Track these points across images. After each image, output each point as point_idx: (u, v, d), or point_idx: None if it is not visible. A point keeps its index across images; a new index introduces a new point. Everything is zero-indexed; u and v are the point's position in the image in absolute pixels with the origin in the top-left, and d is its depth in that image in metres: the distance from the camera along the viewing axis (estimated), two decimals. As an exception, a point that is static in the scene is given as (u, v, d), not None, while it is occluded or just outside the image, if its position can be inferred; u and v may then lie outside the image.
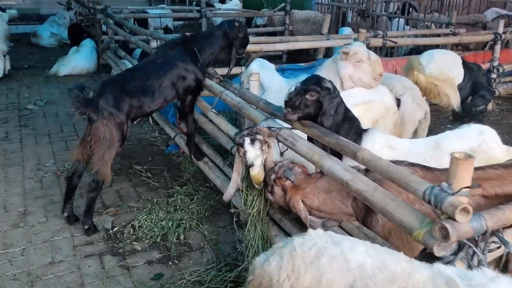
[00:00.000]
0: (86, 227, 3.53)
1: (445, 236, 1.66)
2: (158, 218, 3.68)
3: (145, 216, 3.69)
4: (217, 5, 12.66)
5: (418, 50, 7.37)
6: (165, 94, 3.74)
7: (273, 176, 2.60)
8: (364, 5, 9.62)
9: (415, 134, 4.12)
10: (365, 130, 2.71)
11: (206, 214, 3.81)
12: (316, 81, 2.53)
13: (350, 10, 10.01)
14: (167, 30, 11.07)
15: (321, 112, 2.52)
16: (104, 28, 8.64)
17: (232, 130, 3.62)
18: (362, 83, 3.47)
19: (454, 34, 7.17)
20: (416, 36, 7.58)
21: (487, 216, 1.75)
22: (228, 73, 4.10)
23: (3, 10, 8.03)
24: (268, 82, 3.87)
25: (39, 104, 6.80)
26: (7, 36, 8.05)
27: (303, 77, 5.71)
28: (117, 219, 3.79)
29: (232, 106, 3.45)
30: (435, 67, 4.92)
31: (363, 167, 2.32)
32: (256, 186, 2.77)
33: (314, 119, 2.57)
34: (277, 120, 2.96)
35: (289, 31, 9.61)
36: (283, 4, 9.68)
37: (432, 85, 5.00)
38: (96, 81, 8.20)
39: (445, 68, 4.93)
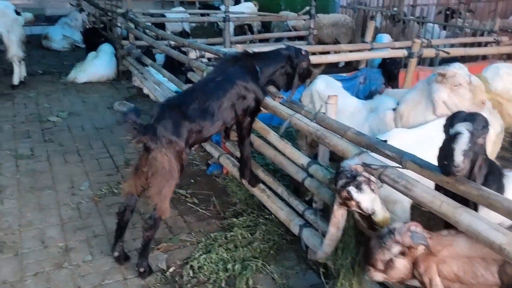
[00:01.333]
0: (142, 269, 3.13)
1: None
2: (218, 257, 3.28)
3: (204, 255, 3.29)
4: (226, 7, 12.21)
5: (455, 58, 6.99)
6: (224, 116, 3.33)
7: (395, 249, 2.10)
8: (394, 9, 9.22)
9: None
10: (502, 174, 2.30)
11: (271, 252, 3.41)
12: (484, 119, 1.99)
13: (378, 14, 9.60)
14: (184, 33, 10.69)
15: (481, 157, 2.03)
16: (124, 32, 8.24)
17: (303, 159, 3.22)
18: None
19: (497, 42, 6.81)
20: (452, 45, 7.17)
21: None
22: (288, 100, 3.67)
23: (18, 13, 7.57)
24: (340, 104, 3.47)
25: (61, 115, 6.37)
26: (22, 41, 7.61)
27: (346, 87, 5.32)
28: (171, 256, 3.40)
29: (308, 133, 3.05)
30: (501, 84, 4.54)
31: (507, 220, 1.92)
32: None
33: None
34: (373, 154, 2.56)
35: (313, 35, 9.23)
36: (307, 8, 9.28)
37: (495, 103, 4.61)
38: (118, 89, 7.81)
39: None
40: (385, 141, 2.56)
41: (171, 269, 3.24)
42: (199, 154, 5.25)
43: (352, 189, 2.25)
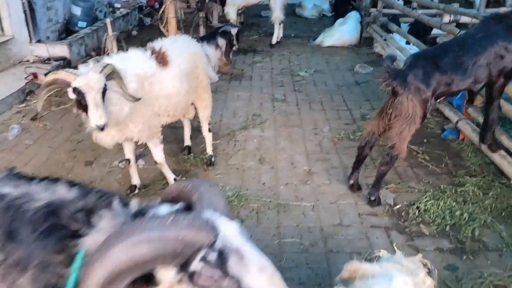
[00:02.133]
0: (372, 198, 3.56)
1: None
2: (446, 206, 3.44)
3: (431, 201, 3.51)
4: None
5: None
6: (477, 73, 3.38)
7: None
8: None
9: None
10: None
11: (503, 214, 3.38)
12: None
13: None
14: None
15: None
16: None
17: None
18: None
19: None
20: None
21: None
22: None
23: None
24: None
25: (308, 72, 7.24)
26: (284, 6, 8.76)
27: None
28: (398, 197, 3.72)
29: None
30: None
31: None
32: None
33: None
34: None
35: None
36: None
37: None
38: (358, 54, 8.28)
39: None
40: None
41: (397, 206, 3.58)
42: (434, 119, 5.30)
43: None
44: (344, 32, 8.75)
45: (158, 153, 3.60)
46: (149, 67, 3.28)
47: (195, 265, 1.08)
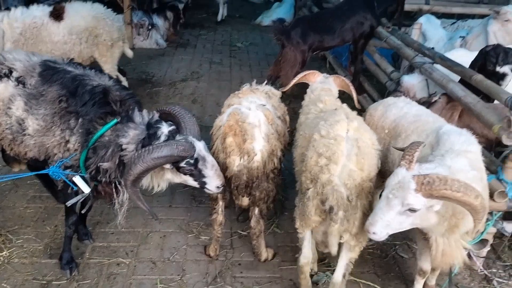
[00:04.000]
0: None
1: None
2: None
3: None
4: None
5: None
6: (344, 35, 4.81)
7: None
8: None
9: None
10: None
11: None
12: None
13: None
14: None
15: None
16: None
17: (389, 68, 4.53)
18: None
19: None
20: None
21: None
22: (398, 19, 4.91)
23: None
24: (431, 34, 4.58)
25: (244, 43, 8.59)
26: (228, -10, 10.03)
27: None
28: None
29: (392, 47, 4.35)
30: None
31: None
32: None
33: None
34: (426, 59, 3.77)
35: None
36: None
37: None
38: (290, 32, 9.68)
39: None
40: (433, 48, 3.74)
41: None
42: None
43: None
44: (279, 13, 10.12)
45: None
46: (39, 18, 4.40)
47: (182, 164, 2.32)
